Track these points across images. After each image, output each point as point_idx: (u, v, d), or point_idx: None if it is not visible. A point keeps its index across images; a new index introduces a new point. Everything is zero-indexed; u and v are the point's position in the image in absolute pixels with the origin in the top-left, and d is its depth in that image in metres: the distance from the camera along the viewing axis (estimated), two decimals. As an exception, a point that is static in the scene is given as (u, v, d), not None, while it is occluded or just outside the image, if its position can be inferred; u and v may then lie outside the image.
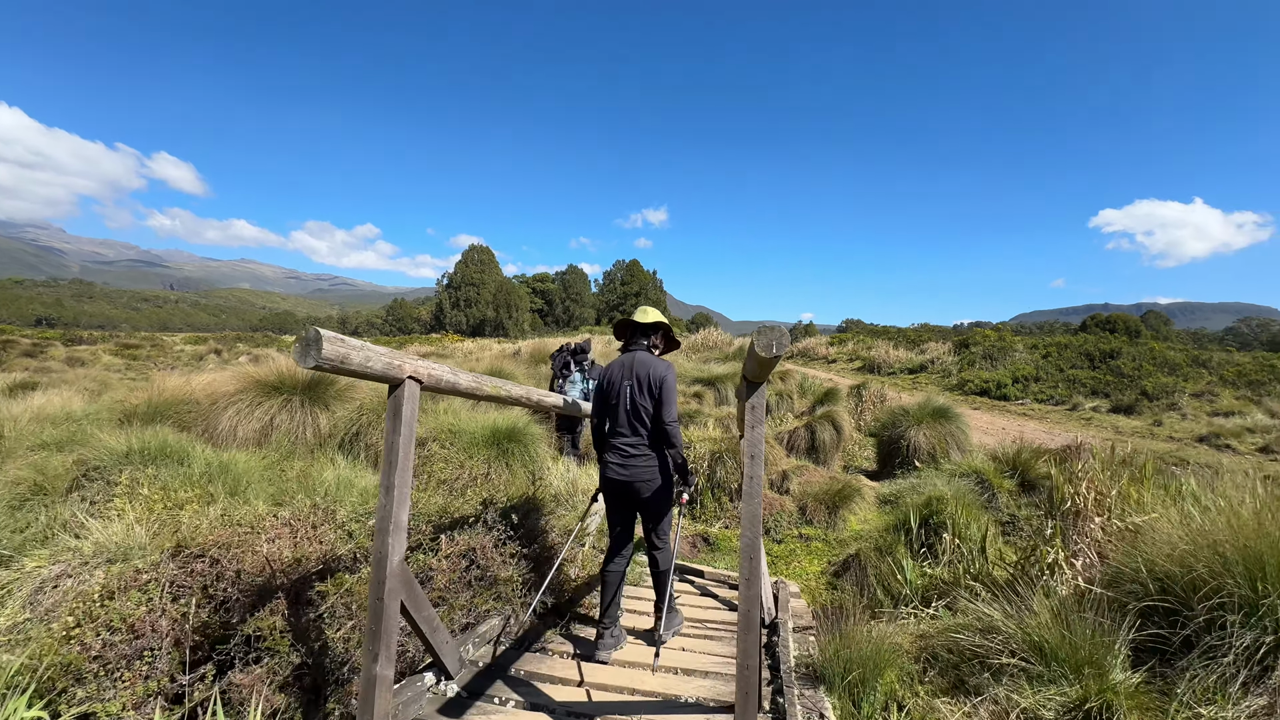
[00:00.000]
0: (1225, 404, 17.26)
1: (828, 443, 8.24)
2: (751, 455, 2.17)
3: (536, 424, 6.49)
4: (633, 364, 3.06)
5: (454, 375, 2.29)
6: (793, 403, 10.39)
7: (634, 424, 3.00)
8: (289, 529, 2.92)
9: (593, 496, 3.58)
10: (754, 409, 2.18)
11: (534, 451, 5.88)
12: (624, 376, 3.05)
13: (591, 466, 6.37)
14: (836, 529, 6.26)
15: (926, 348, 28.69)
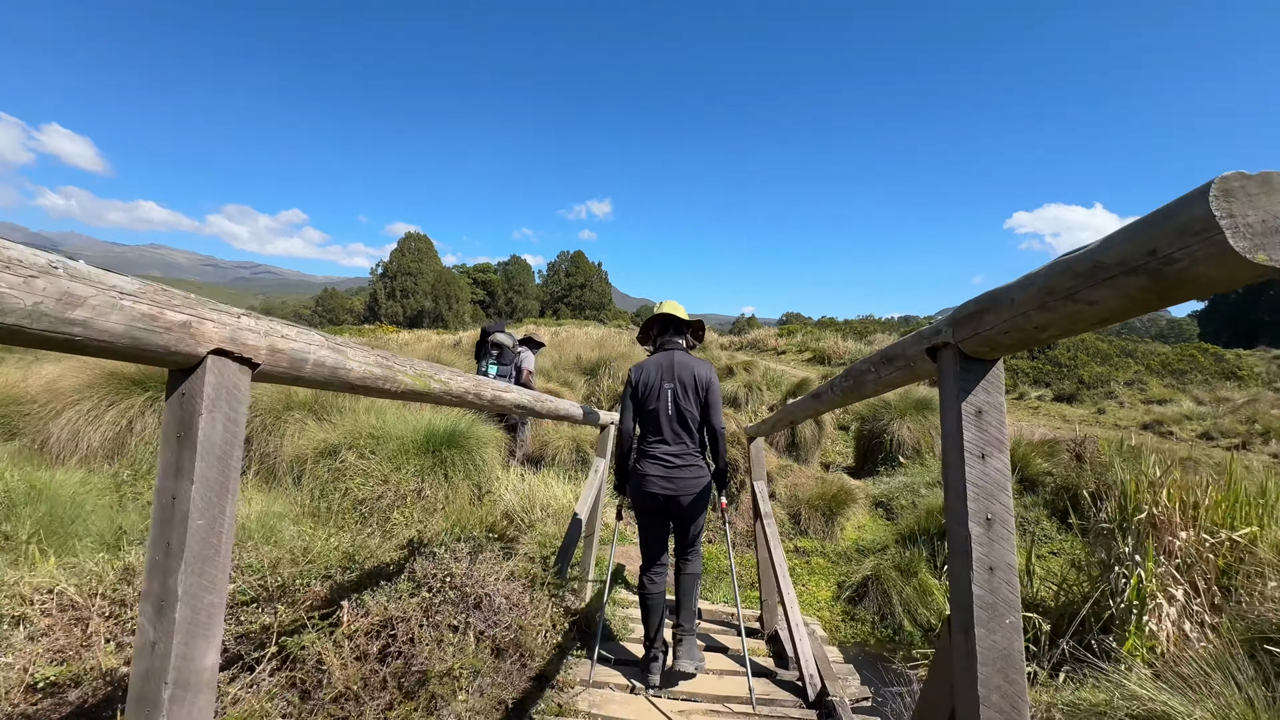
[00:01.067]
0: (1155, 392, 18.06)
1: (809, 439, 7.51)
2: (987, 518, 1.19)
3: (484, 423, 5.37)
4: (673, 365, 2.78)
5: (334, 351, 1.17)
6: (762, 395, 9.66)
7: (677, 431, 2.73)
8: (68, 615, 1.76)
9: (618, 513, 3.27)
10: (982, 414, 0.98)
11: (480, 458, 4.77)
12: (664, 379, 2.75)
13: (553, 476, 5.34)
14: (835, 539, 5.49)
15: (874, 339, 29.02)
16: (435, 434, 4.58)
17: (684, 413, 2.74)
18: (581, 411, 3.39)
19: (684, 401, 2.73)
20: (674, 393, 2.74)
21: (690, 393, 2.74)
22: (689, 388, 2.74)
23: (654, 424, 2.78)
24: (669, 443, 2.75)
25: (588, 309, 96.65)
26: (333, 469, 4.18)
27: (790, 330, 38.28)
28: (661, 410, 2.75)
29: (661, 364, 2.81)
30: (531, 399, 2.70)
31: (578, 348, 11.75)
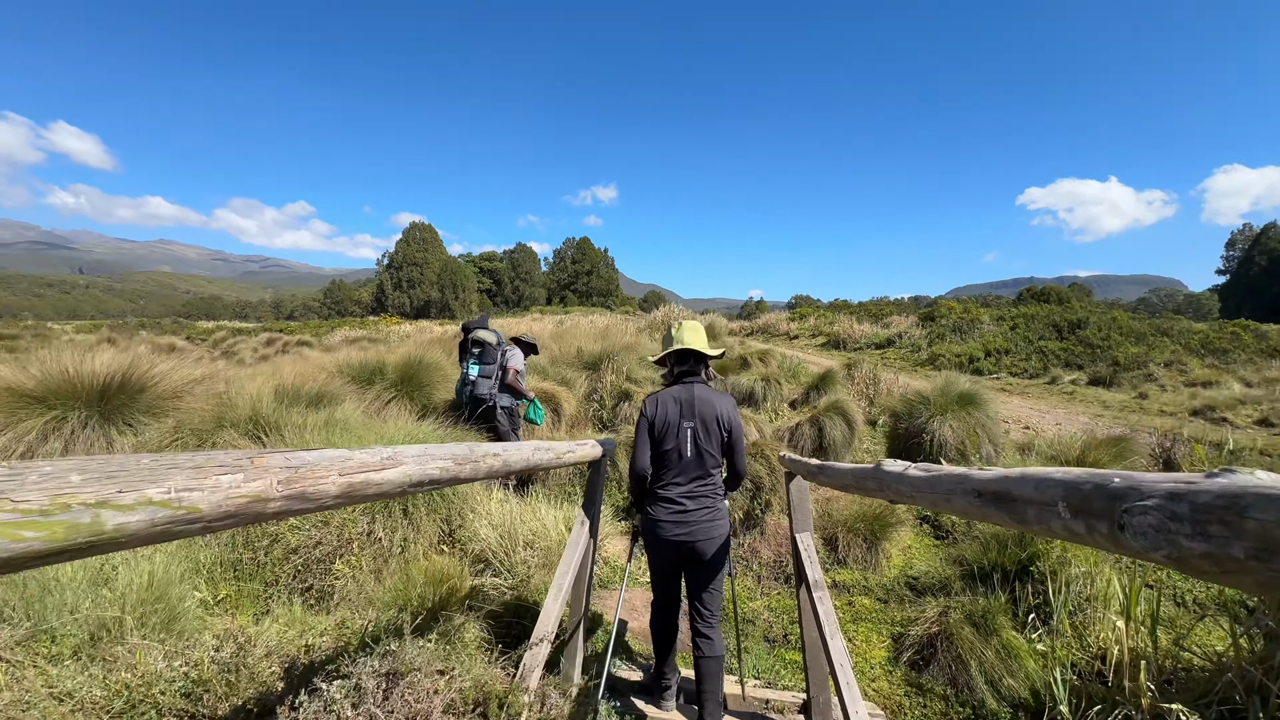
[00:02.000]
0: (1199, 374, 16.91)
1: (839, 442, 6.61)
2: None
3: (464, 432, 4.54)
4: (694, 401, 2.56)
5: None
6: (781, 389, 8.76)
7: (696, 474, 2.54)
8: None
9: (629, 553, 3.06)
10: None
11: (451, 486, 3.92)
12: (684, 416, 2.55)
13: (542, 501, 4.52)
14: (879, 568, 4.61)
15: (890, 321, 27.92)
16: (393, 459, 3.75)
17: (704, 454, 2.52)
18: (601, 449, 2.82)
19: (704, 442, 2.51)
20: (694, 431, 2.52)
21: (713, 432, 2.52)
22: (710, 426, 2.52)
23: (671, 465, 2.54)
24: (682, 484, 2.53)
25: (595, 296, 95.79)
26: (261, 508, 3.38)
27: (802, 314, 37.14)
28: (679, 450, 2.52)
29: (681, 399, 2.56)
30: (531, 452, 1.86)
31: (579, 339, 10.88)
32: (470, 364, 5.39)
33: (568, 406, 7.28)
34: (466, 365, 5.44)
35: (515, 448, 1.77)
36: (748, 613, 3.95)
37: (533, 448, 1.89)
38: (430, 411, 6.47)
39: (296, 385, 5.76)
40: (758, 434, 6.19)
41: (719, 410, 2.56)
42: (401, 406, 6.55)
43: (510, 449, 1.71)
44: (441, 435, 5.01)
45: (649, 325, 20.38)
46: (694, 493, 2.52)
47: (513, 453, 1.72)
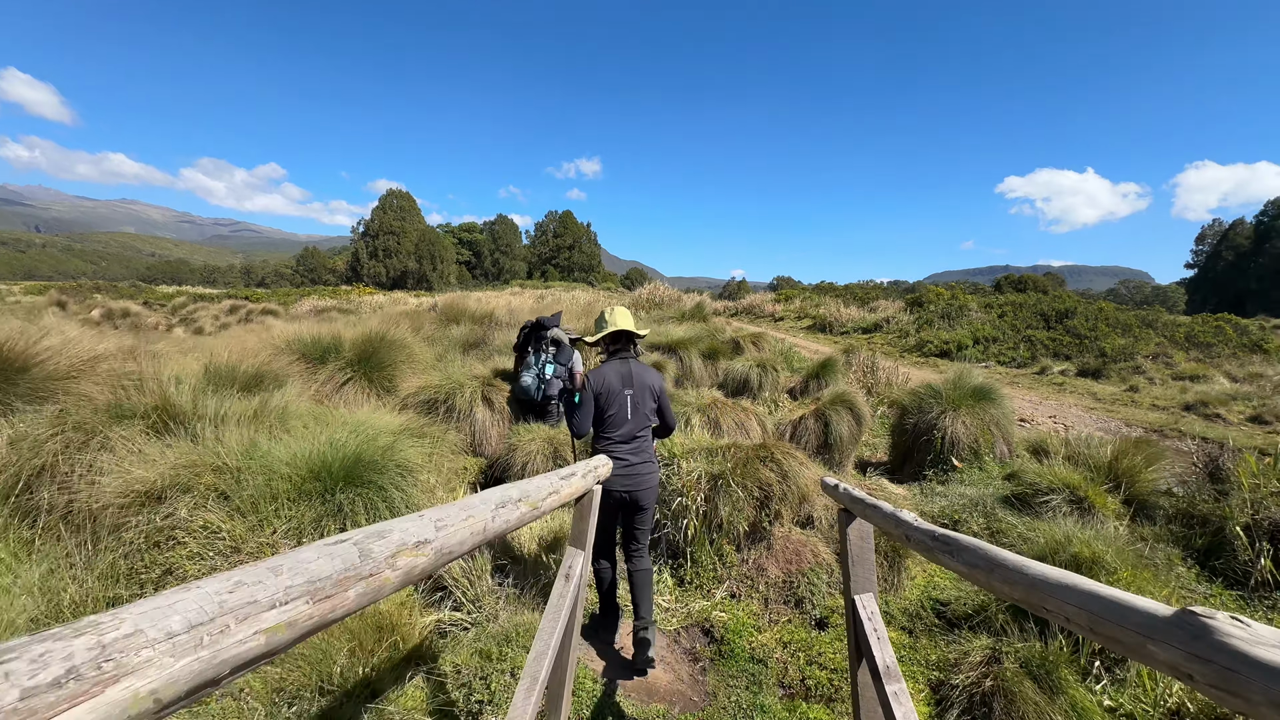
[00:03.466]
0: (1185, 367, 16.83)
1: (845, 439, 6.04)
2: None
3: (416, 438, 3.82)
4: (631, 373, 3.08)
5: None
6: (778, 377, 8.15)
7: (637, 433, 3.03)
8: None
9: None
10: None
11: (405, 499, 3.22)
12: (624, 385, 3.04)
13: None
14: (900, 589, 4.06)
15: (877, 305, 27.59)
16: (329, 467, 3.01)
17: (642, 416, 3.02)
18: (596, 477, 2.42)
19: (642, 406, 3.02)
20: (633, 398, 3.00)
21: (647, 399, 3.06)
22: (645, 394, 3.05)
23: (616, 427, 2.98)
24: (630, 444, 2.99)
25: (577, 271, 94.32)
26: (152, 528, 2.62)
27: (787, 295, 36.65)
28: (622, 414, 2.98)
29: (620, 371, 3.05)
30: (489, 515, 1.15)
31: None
32: (546, 363, 5.47)
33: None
34: (539, 362, 5.49)
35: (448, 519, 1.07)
36: (756, 648, 3.35)
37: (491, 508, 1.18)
38: (387, 394, 5.71)
39: (231, 364, 4.95)
40: (759, 428, 5.58)
41: (651, 381, 3.14)
42: (359, 390, 5.78)
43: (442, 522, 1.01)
44: (409, 427, 4.29)
45: (632, 302, 19.63)
46: (636, 450, 3.01)
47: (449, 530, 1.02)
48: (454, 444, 5.32)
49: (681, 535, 3.99)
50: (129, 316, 24.93)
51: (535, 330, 5.63)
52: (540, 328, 5.61)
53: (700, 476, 4.04)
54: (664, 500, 4.11)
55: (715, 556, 4.01)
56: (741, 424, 5.48)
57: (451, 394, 5.63)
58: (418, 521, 0.89)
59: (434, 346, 8.19)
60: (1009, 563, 1.13)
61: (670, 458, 4.31)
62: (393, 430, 4.13)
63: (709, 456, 4.27)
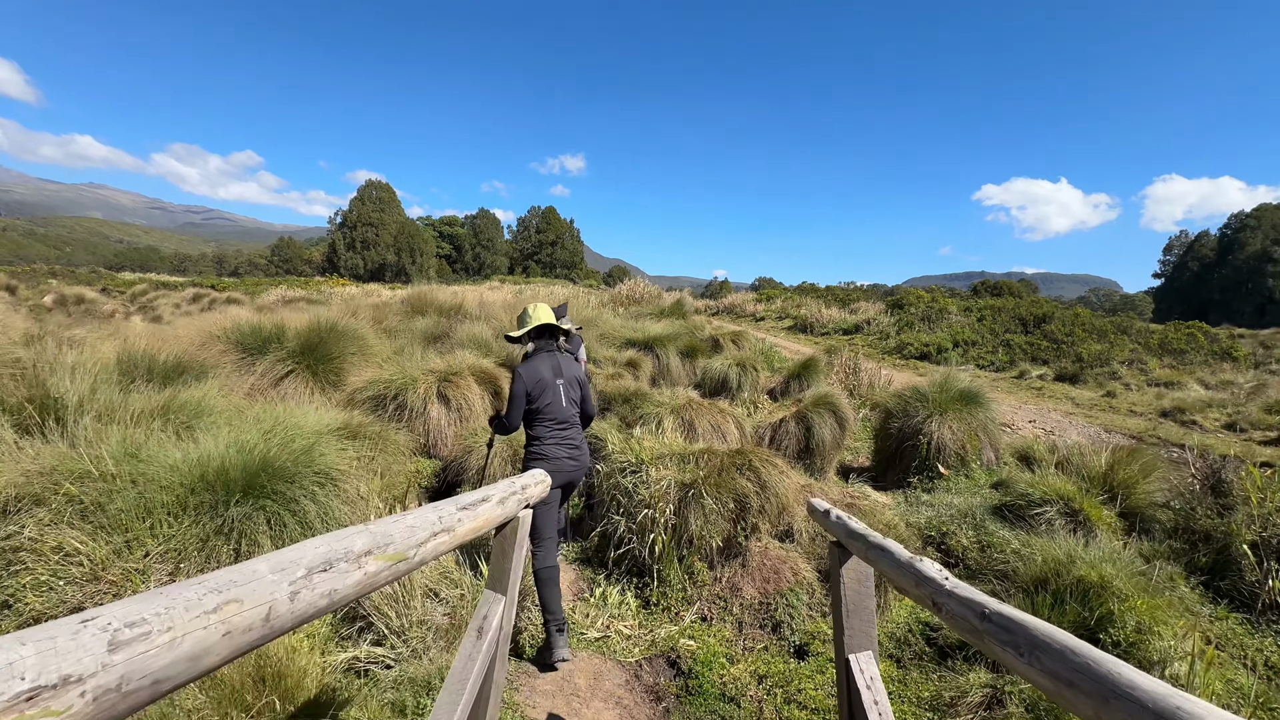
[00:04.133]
0: (1159, 374, 16.94)
1: (828, 443, 5.69)
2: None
3: (345, 439, 3.34)
4: (559, 365, 3.26)
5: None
6: (757, 377, 7.80)
7: (573, 419, 3.22)
8: None
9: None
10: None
11: (324, 510, 2.75)
12: (556, 376, 3.21)
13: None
14: (885, 609, 3.70)
15: (858, 307, 27.54)
16: (227, 474, 2.53)
17: (574, 402, 3.24)
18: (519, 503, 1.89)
19: (571, 394, 3.23)
20: (564, 387, 3.20)
21: (574, 388, 3.27)
22: (572, 383, 3.26)
23: (552, 415, 3.15)
24: (568, 430, 3.19)
25: (559, 267, 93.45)
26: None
27: (768, 295, 36.51)
28: (558, 403, 3.17)
29: (550, 364, 3.22)
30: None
31: (533, 311, 9.64)
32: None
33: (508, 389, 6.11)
34: None
35: (149, 624, 0.61)
36: (728, 683, 2.96)
37: (289, 582, 0.73)
38: (335, 389, 5.21)
39: (150, 353, 4.41)
40: (737, 432, 5.20)
41: (577, 372, 3.30)
42: (302, 384, 5.26)
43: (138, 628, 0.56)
44: (348, 426, 3.81)
45: (612, 299, 19.17)
46: (575, 434, 3.19)
47: (145, 654, 0.57)
48: (403, 445, 4.84)
49: (648, 551, 3.58)
50: (83, 303, 23.73)
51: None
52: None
53: (670, 485, 3.64)
54: (629, 512, 3.70)
55: (685, 575, 3.60)
56: (718, 427, 5.09)
57: (403, 390, 5.15)
58: (67, 635, 0.45)
59: (395, 339, 7.67)
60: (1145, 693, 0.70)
61: (638, 464, 3.90)
62: (324, 430, 3.65)
63: (681, 463, 3.86)
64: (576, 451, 3.14)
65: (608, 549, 3.73)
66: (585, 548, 3.98)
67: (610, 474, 3.94)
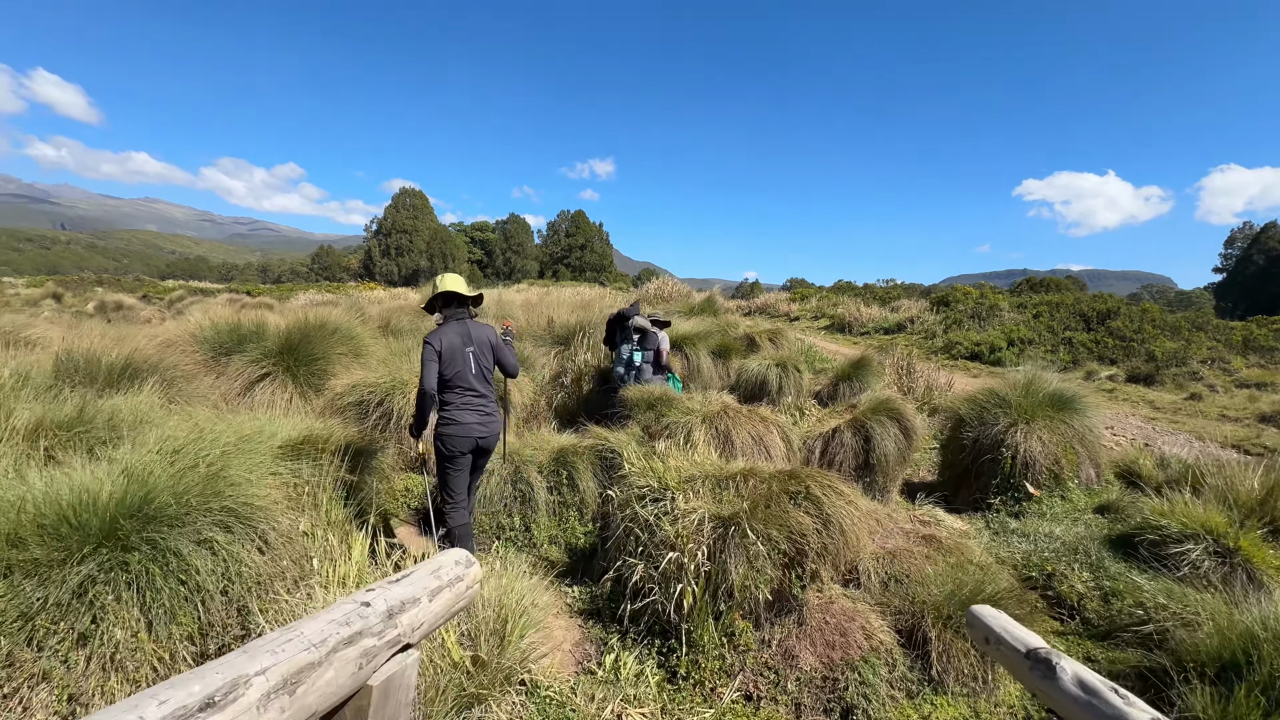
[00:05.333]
0: (1247, 374, 15.23)
1: (891, 456, 4.75)
2: None
3: (281, 462, 2.61)
4: (469, 332, 3.30)
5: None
6: (800, 378, 6.87)
7: (484, 385, 3.30)
8: None
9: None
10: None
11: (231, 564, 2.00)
12: (465, 343, 3.25)
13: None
14: (992, 691, 2.78)
15: (899, 305, 26.11)
16: (77, 517, 1.80)
17: (483, 369, 3.30)
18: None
19: (483, 360, 3.29)
20: (475, 354, 3.26)
21: (486, 353, 3.33)
22: (484, 349, 3.32)
23: (463, 381, 3.22)
24: (480, 394, 3.27)
25: (588, 270, 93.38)
26: None
27: (803, 294, 35.15)
28: (467, 369, 3.23)
29: (460, 332, 3.27)
30: None
31: (553, 308, 8.93)
32: (634, 351, 5.59)
33: (519, 394, 5.36)
34: (627, 351, 5.62)
35: None
36: None
37: None
38: (318, 393, 4.52)
39: (95, 353, 3.78)
40: (783, 445, 4.31)
41: (487, 335, 3.38)
42: (279, 388, 4.59)
43: None
44: (311, 438, 3.10)
45: (640, 298, 18.40)
46: (485, 401, 3.29)
47: None
48: (388, 461, 4.12)
49: (674, 605, 2.74)
50: (122, 309, 24.20)
51: (618, 322, 5.74)
52: (622, 319, 5.70)
53: (703, 520, 2.79)
54: (650, 553, 2.87)
55: (723, 637, 2.75)
56: (760, 439, 4.22)
57: (390, 394, 4.44)
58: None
59: (401, 339, 7.02)
60: None
61: (662, 490, 3.06)
62: (276, 445, 2.93)
63: (717, 489, 3.02)
64: (487, 417, 3.24)
65: (622, 600, 2.91)
66: (594, 595, 3.16)
67: (626, 502, 3.12)
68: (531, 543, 3.88)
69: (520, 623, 2.40)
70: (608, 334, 5.94)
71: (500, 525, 3.89)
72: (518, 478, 4.00)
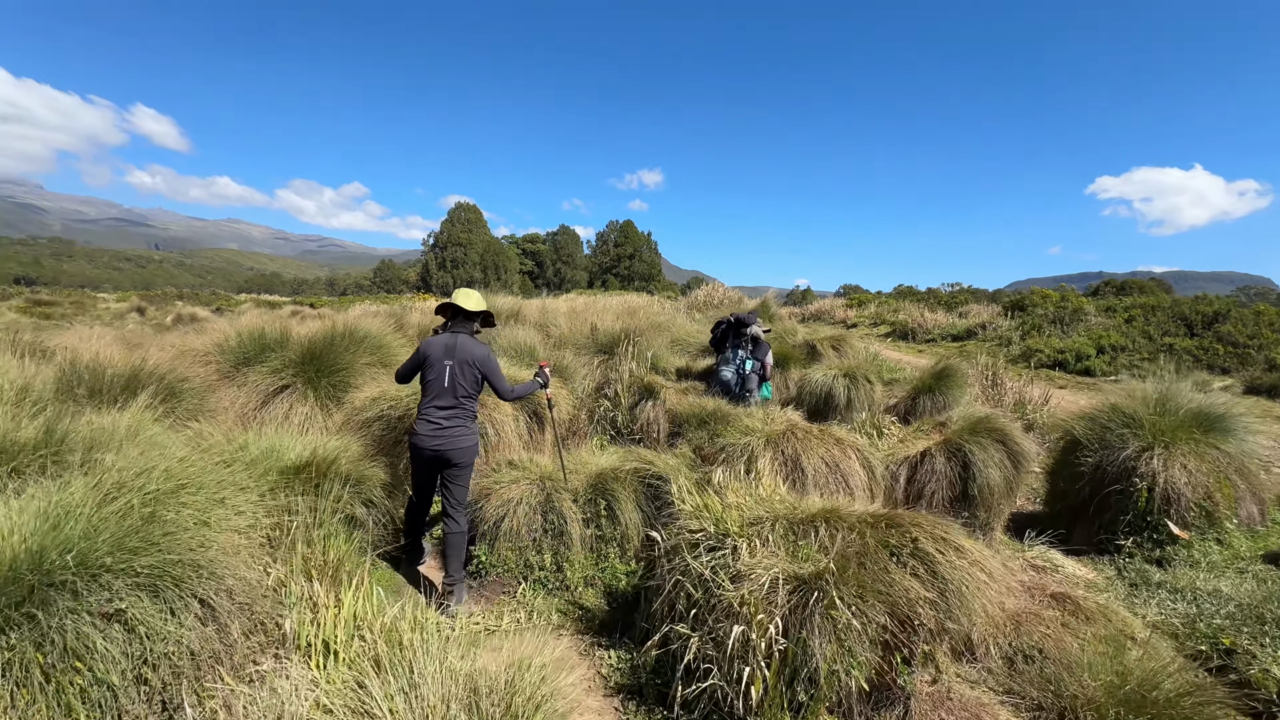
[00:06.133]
0: (1397, 384, 13.11)
1: (996, 488, 3.93)
2: None
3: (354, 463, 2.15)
4: (455, 346, 3.28)
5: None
6: (872, 390, 6.06)
7: (449, 399, 3.23)
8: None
9: None
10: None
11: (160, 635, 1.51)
12: (445, 356, 3.25)
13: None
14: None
15: (968, 310, 24.36)
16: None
17: (457, 385, 3.24)
18: None
19: (459, 377, 3.23)
20: (452, 369, 3.23)
21: (466, 369, 3.24)
22: (464, 366, 3.24)
23: (432, 391, 3.25)
24: (444, 406, 3.23)
25: (637, 280, 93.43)
26: None
27: (860, 300, 33.54)
28: (439, 381, 3.23)
29: (447, 343, 3.28)
30: None
31: (597, 314, 8.43)
32: (745, 358, 5.60)
33: (556, 409, 4.83)
34: (736, 357, 5.63)
35: None
36: None
37: None
38: (337, 405, 4.13)
39: (98, 364, 3.49)
40: (864, 474, 3.59)
41: (472, 355, 3.27)
42: (298, 400, 4.22)
43: None
44: (317, 460, 2.67)
45: (688, 305, 17.75)
46: (450, 416, 3.23)
47: None
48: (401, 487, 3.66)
49: (739, 692, 2.09)
50: (196, 321, 25.58)
51: (735, 327, 5.74)
52: (741, 325, 5.70)
53: (776, 582, 2.14)
54: (706, 620, 2.24)
55: (805, 743, 2.08)
56: (836, 465, 3.51)
57: (412, 409, 3.99)
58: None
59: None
60: None
61: (720, 535, 2.43)
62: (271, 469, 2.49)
63: (790, 537, 2.36)
64: (440, 429, 3.19)
65: (671, 678, 2.28)
66: (635, 665, 2.54)
67: (676, 549, 2.50)
68: (564, 584, 3.32)
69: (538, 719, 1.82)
70: (717, 338, 6.02)
71: (529, 563, 3.35)
72: (549, 507, 3.45)
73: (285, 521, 2.42)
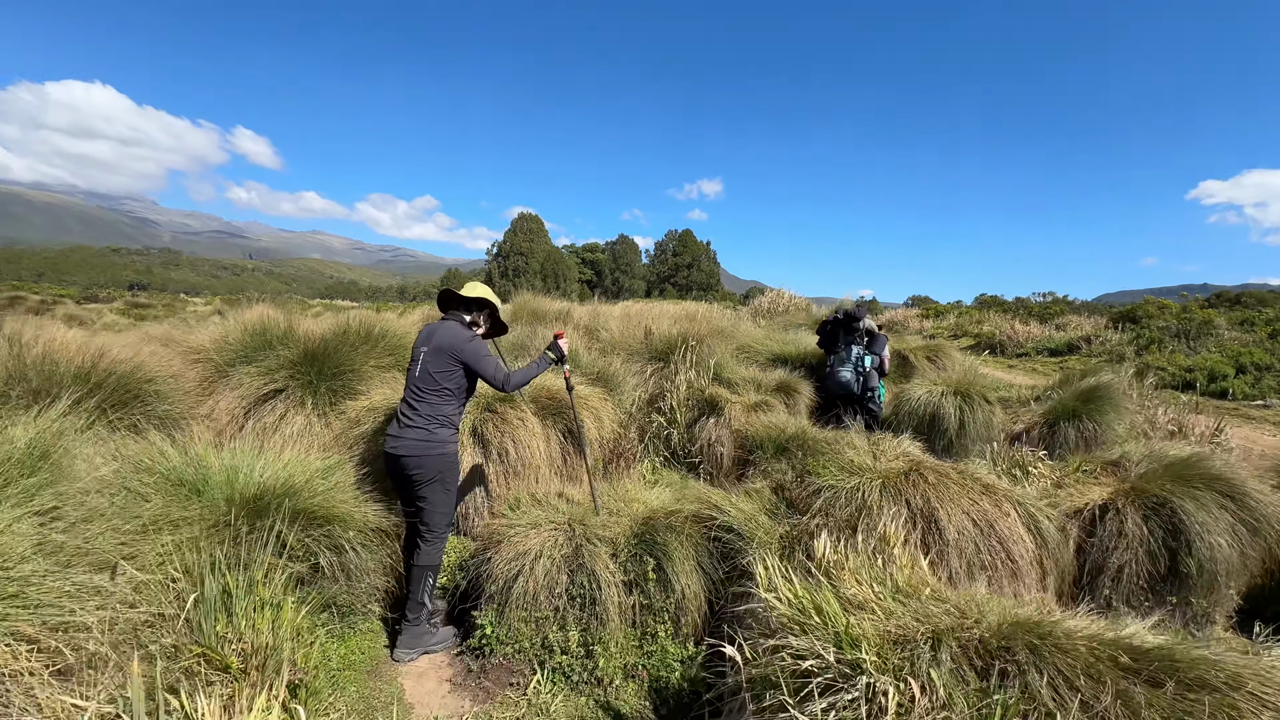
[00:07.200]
0: None
1: (1223, 564, 2.70)
2: None
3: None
4: (434, 332, 2.84)
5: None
6: (991, 413, 4.84)
7: (418, 392, 2.74)
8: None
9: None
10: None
11: None
12: (422, 343, 2.84)
13: None
14: None
15: (1066, 322, 21.89)
16: None
17: (429, 375, 2.74)
18: None
19: (430, 365, 2.75)
20: (425, 355, 2.76)
21: (438, 357, 2.74)
22: (439, 354, 2.74)
23: (405, 386, 2.83)
24: (409, 402, 2.76)
25: (695, 289, 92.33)
26: None
27: (937, 311, 31.10)
28: (410, 373, 2.81)
29: (429, 330, 2.87)
30: None
31: (651, 318, 7.54)
32: (861, 352, 5.25)
33: (597, 426, 3.93)
34: (851, 352, 5.26)
35: None
36: None
37: None
38: (333, 411, 3.39)
39: (51, 358, 2.88)
40: (1029, 539, 2.48)
41: (447, 341, 2.74)
42: (292, 408, 3.51)
43: None
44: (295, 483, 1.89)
45: (751, 313, 16.59)
46: (411, 409, 2.71)
47: None
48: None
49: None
50: (268, 324, 26.61)
51: (846, 322, 5.40)
52: (851, 319, 5.38)
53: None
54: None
55: None
56: (990, 526, 2.43)
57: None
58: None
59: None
60: None
61: (844, 666, 1.43)
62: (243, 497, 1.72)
63: (965, 671, 1.33)
64: (399, 429, 2.69)
65: None
66: None
67: (765, 682, 1.52)
68: (594, 675, 2.40)
69: None
70: (825, 336, 5.72)
71: (547, 643, 2.45)
72: (578, 564, 2.54)
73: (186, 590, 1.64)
